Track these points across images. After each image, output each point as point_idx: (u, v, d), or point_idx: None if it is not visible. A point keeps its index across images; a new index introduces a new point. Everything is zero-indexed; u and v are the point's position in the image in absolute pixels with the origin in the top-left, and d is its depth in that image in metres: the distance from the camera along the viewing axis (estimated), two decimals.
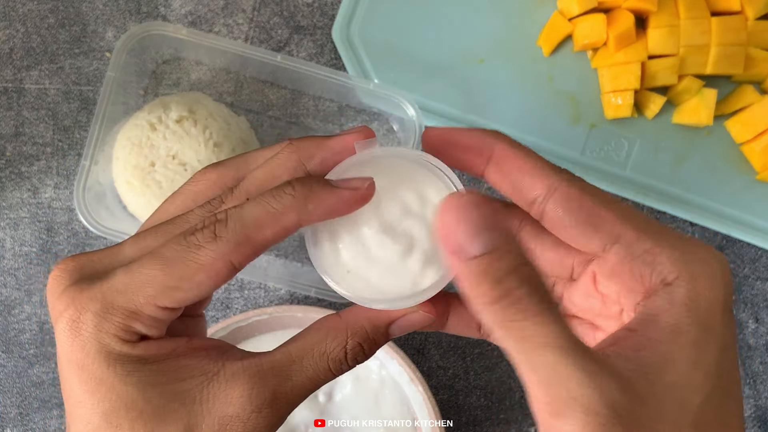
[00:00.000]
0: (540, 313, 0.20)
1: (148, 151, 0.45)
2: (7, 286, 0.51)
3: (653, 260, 0.23)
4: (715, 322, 0.22)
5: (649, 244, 0.23)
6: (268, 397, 0.23)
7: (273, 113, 0.52)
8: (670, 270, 0.23)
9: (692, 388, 0.21)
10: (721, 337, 0.22)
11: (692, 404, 0.21)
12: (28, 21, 0.52)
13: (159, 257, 0.24)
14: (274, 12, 0.52)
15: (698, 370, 0.22)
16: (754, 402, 0.53)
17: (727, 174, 0.52)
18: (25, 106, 0.51)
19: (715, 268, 0.23)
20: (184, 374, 0.24)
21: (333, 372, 0.24)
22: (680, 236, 0.24)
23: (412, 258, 0.26)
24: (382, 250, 0.26)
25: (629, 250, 0.23)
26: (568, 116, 0.52)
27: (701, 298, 0.22)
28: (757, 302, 0.53)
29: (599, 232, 0.24)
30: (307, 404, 0.49)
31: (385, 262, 0.26)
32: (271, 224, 0.24)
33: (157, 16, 0.52)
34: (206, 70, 0.51)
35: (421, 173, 0.26)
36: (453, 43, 0.52)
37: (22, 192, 0.51)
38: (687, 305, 0.22)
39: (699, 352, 0.22)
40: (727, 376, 0.22)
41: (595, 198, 0.24)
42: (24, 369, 0.51)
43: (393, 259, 0.26)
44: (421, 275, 0.26)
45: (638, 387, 0.20)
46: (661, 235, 0.23)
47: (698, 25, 0.49)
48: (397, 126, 0.52)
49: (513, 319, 0.20)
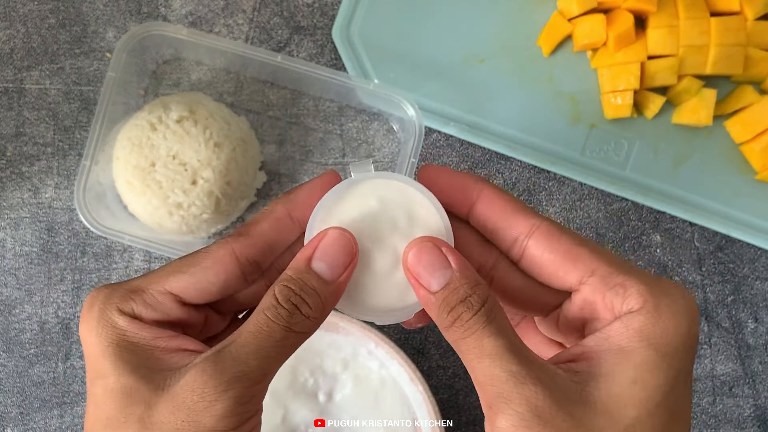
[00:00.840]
0: (481, 331, 0.24)
1: (149, 151, 0.45)
2: (7, 285, 0.51)
3: (624, 292, 0.25)
4: (670, 350, 0.24)
5: (621, 278, 0.26)
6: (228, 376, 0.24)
7: (273, 113, 0.52)
8: (636, 301, 0.25)
9: (629, 402, 0.24)
10: (677, 364, 0.24)
11: (626, 417, 0.23)
12: (29, 21, 0.52)
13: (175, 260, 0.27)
14: (275, 12, 0.53)
15: (639, 388, 0.24)
16: (754, 402, 0.53)
17: (726, 174, 0.52)
18: (26, 107, 0.51)
19: (680, 304, 0.25)
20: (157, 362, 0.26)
21: (273, 319, 0.25)
22: (651, 274, 0.26)
23: (400, 272, 0.27)
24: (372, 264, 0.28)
25: (604, 282, 0.26)
26: (567, 116, 0.52)
27: (659, 327, 0.24)
28: (757, 302, 0.54)
29: (577, 265, 0.26)
30: (307, 404, 0.49)
31: (374, 277, 0.28)
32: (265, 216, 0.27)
33: (157, 17, 0.52)
34: (206, 71, 0.51)
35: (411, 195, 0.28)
36: (453, 44, 0.52)
37: (23, 192, 0.51)
38: (641, 330, 0.24)
39: (644, 373, 0.24)
40: (677, 402, 0.24)
41: (571, 237, 0.27)
42: (24, 369, 0.51)
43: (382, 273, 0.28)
44: (408, 290, 0.27)
45: (570, 394, 0.24)
46: (632, 271, 0.26)
47: (698, 26, 0.49)
48: (397, 126, 0.52)
49: (462, 336, 0.25)
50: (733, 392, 0.53)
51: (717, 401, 0.53)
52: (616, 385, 0.24)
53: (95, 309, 0.26)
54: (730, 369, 0.53)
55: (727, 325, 0.54)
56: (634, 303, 0.25)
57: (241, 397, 0.24)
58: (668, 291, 0.25)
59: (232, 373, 0.24)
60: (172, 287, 0.26)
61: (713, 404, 0.53)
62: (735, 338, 0.54)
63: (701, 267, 0.54)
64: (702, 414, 0.53)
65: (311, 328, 0.26)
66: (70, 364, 0.51)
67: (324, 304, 0.26)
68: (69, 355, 0.51)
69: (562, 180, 0.53)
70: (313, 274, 0.26)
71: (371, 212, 0.28)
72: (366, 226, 0.27)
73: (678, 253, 0.53)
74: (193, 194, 0.46)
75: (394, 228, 0.28)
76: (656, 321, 0.24)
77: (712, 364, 0.53)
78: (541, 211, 0.53)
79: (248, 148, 0.49)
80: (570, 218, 0.53)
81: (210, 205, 0.46)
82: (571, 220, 0.53)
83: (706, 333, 0.53)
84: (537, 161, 0.51)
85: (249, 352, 0.25)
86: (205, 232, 0.49)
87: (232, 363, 0.24)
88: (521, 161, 0.53)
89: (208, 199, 0.46)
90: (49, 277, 0.51)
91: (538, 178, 0.53)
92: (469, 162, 0.53)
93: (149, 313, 0.26)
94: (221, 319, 0.29)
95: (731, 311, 0.54)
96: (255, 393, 0.25)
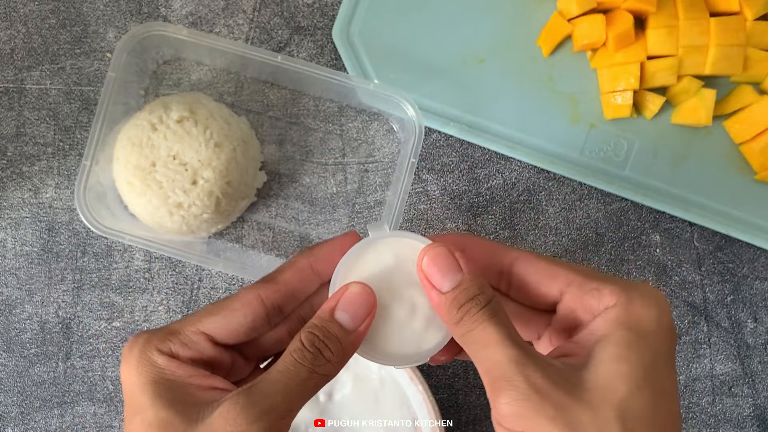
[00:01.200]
0: (486, 322, 0.28)
1: (149, 151, 0.45)
2: (8, 285, 0.51)
3: (599, 294, 0.29)
4: (646, 331, 0.28)
5: (595, 283, 0.29)
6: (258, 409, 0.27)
7: (273, 113, 0.52)
8: (611, 299, 0.28)
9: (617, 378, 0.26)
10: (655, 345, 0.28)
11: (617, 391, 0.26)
12: (30, 22, 0.52)
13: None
14: (275, 12, 0.53)
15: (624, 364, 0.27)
16: (753, 401, 0.53)
17: (725, 174, 0.52)
18: (27, 107, 0.51)
19: (650, 296, 0.28)
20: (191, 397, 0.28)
21: (299, 361, 0.28)
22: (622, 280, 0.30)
23: (416, 320, 0.31)
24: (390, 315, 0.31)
25: (581, 289, 0.29)
26: (567, 116, 0.52)
27: (633, 314, 0.28)
28: (756, 302, 0.54)
29: (556, 279, 0.30)
30: (307, 404, 0.49)
31: (392, 326, 0.31)
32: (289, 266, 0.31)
33: (157, 17, 0.52)
34: (207, 71, 0.51)
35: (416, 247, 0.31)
36: (453, 44, 0.52)
37: (24, 192, 0.51)
38: (617, 318, 0.28)
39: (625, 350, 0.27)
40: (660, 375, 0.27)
41: (548, 259, 0.31)
42: (25, 368, 0.51)
43: (399, 322, 0.31)
44: (424, 336, 0.31)
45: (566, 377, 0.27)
46: (605, 278, 0.30)
47: (697, 26, 0.49)
48: (397, 126, 0.52)
49: (469, 329, 0.28)
50: (732, 392, 0.53)
51: (716, 401, 0.53)
52: (603, 365, 0.27)
53: (135, 350, 0.29)
54: (729, 369, 0.54)
55: (726, 324, 0.54)
56: (609, 301, 0.29)
57: (269, 429, 0.27)
58: (638, 287, 0.29)
59: (262, 407, 0.27)
60: (205, 328, 0.30)
61: (713, 404, 0.53)
62: (734, 338, 0.54)
63: (701, 267, 0.54)
64: (701, 413, 0.53)
65: (332, 372, 0.29)
66: (70, 363, 0.51)
67: (344, 351, 0.29)
68: (69, 355, 0.51)
69: (561, 180, 0.53)
70: (336, 323, 0.29)
71: (388, 267, 0.31)
72: (384, 280, 0.31)
73: (677, 252, 0.53)
74: (194, 194, 0.46)
75: (409, 281, 0.31)
76: (630, 310, 0.28)
77: (711, 364, 0.54)
78: (541, 211, 0.53)
79: (248, 148, 0.49)
80: (569, 218, 0.53)
81: (210, 205, 0.46)
82: (570, 220, 0.53)
83: (705, 333, 0.54)
84: (537, 161, 0.51)
85: (277, 389, 0.28)
86: (205, 231, 0.49)
87: (262, 398, 0.27)
88: (521, 161, 0.53)
89: (209, 199, 0.46)
90: (50, 277, 0.51)
91: (538, 178, 0.53)
92: (469, 162, 0.53)
93: (185, 352, 0.29)
94: (246, 364, 0.32)
95: (731, 311, 0.54)
96: (281, 427, 0.28)
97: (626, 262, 0.53)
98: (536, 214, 0.53)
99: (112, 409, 0.51)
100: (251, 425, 0.26)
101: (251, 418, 0.27)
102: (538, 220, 0.53)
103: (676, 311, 0.53)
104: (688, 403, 0.53)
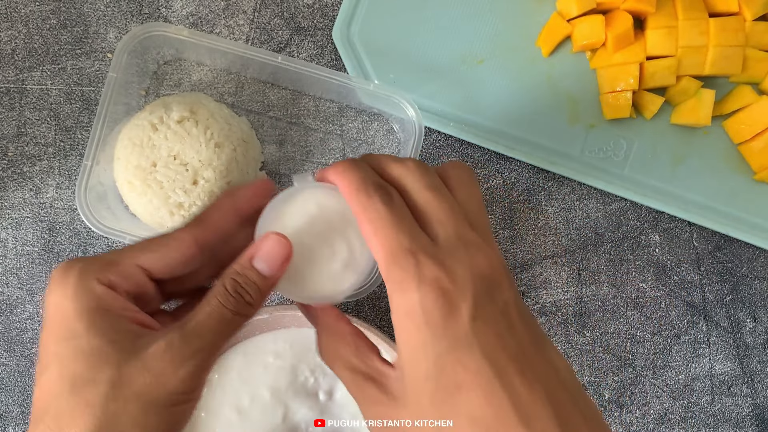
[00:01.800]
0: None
1: (150, 152, 0.45)
2: (9, 285, 0.51)
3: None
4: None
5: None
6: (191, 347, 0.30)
7: (274, 114, 0.52)
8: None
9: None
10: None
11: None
12: (30, 22, 0.52)
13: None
14: (275, 13, 0.53)
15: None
16: (752, 401, 0.54)
17: (725, 174, 0.52)
18: (27, 107, 0.51)
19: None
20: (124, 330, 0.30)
21: (224, 304, 0.31)
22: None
23: (335, 263, 0.34)
24: (312, 258, 0.34)
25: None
26: (567, 116, 0.52)
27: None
28: (755, 301, 0.54)
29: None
30: (308, 403, 0.49)
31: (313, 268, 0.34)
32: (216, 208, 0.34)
33: (158, 17, 0.52)
34: (207, 71, 0.52)
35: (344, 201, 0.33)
36: (453, 44, 0.52)
37: (24, 192, 0.51)
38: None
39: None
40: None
41: None
42: (26, 368, 0.51)
43: (320, 265, 0.34)
44: (341, 278, 0.34)
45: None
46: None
47: (696, 26, 0.49)
48: (397, 126, 0.52)
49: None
50: (731, 391, 0.54)
51: (716, 400, 0.54)
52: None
53: (72, 277, 0.30)
54: (728, 368, 0.54)
55: (725, 324, 0.54)
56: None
57: (200, 365, 0.30)
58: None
59: (195, 346, 0.30)
60: (142, 262, 0.31)
61: (712, 403, 0.54)
62: (733, 337, 0.54)
63: (700, 266, 0.54)
64: (701, 413, 0.54)
65: (251, 312, 0.33)
66: None
67: (262, 294, 0.32)
68: None
69: (561, 180, 0.53)
70: (255, 270, 0.32)
71: (311, 215, 0.34)
72: (307, 225, 0.34)
73: (677, 252, 0.54)
74: (194, 194, 0.46)
75: (330, 228, 0.34)
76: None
77: (710, 364, 0.54)
78: (541, 211, 0.53)
79: (249, 148, 0.49)
80: (569, 218, 0.53)
81: None
82: (570, 219, 0.53)
83: (704, 332, 0.54)
84: (536, 161, 0.51)
85: (207, 329, 0.31)
86: None
87: (194, 337, 0.30)
88: (520, 161, 0.53)
89: (209, 199, 0.46)
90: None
91: (538, 178, 0.53)
92: (469, 162, 0.53)
93: (123, 284, 0.31)
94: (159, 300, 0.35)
95: (730, 311, 0.54)
96: (209, 364, 0.31)
97: (625, 262, 0.53)
98: (536, 214, 0.53)
99: None
100: (185, 362, 0.29)
101: (186, 356, 0.30)
102: (538, 220, 0.53)
103: (675, 311, 0.54)
104: (687, 403, 0.53)
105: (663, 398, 0.53)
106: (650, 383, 0.53)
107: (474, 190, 0.33)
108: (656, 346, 0.53)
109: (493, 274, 0.29)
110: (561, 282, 0.53)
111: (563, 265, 0.53)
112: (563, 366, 0.29)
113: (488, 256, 0.29)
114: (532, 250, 0.53)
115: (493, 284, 0.29)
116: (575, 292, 0.53)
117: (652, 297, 0.53)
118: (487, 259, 0.29)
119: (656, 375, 0.53)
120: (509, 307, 0.29)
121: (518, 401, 0.27)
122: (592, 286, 0.53)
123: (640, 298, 0.53)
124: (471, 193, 0.32)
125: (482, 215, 0.32)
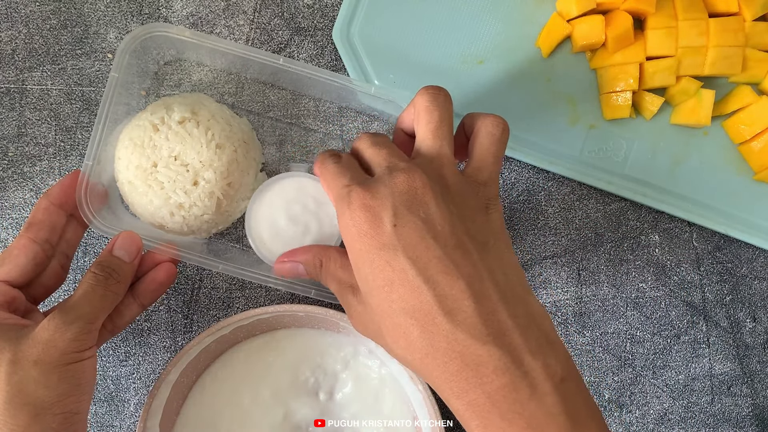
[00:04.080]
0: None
1: (151, 152, 0.46)
2: None
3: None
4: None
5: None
6: (72, 315, 0.38)
7: (274, 114, 0.52)
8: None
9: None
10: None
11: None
12: (31, 22, 0.52)
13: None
14: (275, 13, 0.53)
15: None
16: (752, 401, 0.54)
17: (724, 174, 0.52)
18: (28, 107, 0.52)
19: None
20: (7, 327, 0.37)
21: (95, 283, 0.40)
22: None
23: (306, 239, 0.45)
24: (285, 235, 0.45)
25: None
26: (566, 117, 0.52)
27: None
28: (755, 301, 0.54)
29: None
30: (308, 403, 0.49)
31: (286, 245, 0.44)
32: (37, 209, 0.42)
33: (158, 18, 0.52)
34: (207, 72, 0.52)
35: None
36: (453, 44, 0.52)
37: (25, 192, 0.51)
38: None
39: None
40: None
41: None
42: None
43: (293, 242, 0.45)
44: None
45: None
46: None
47: (696, 27, 0.50)
48: None
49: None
50: (731, 391, 0.54)
51: (715, 400, 0.54)
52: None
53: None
54: (728, 368, 0.54)
55: (725, 324, 0.54)
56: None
57: (83, 327, 0.37)
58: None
59: (75, 314, 0.38)
60: (2, 275, 0.40)
61: (711, 403, 0.54)
62: (733, 338, 0.54)
63: (700, 267, 0.54)
64: (700, 413, 0.54)
65: (121, 290, 0.41)
66: None
67: (126, 275, 0.41)
68: None
69: (561, 180, 0.53)
70: (116, 258, 0.41)
71: (288, 198, 0.45)
72: (285, 208, 0.45)
73: (676, 252, 0.54)
74: (195, 195, 0.46)
75: (305, 209, 0.45)
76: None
77: (710, 364, 0.54)
78: (541, 211, 0.53)
79: (249, 149, 0.49)
80: (569, 218, 0.53)
81: (211, 206, 0.47)
82: (569, 219, 0.53)
83: (704, 332, 0.54)
84: (536, 161, 0.51)
85: (84, 302, 0.39)
86: (206, 232, 0.49)
87: (73, 309, 0.38)
88: (520, 161, 0.53)
89: (210, 199, 0.46)
90: None
91: (537, 178, 0.53)
92: None
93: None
94: (26, 303, 0.41)
95: (729, 311, 0.54)
96: (92, 329, 0.38)
97: (625, 262, 0.53)
98: (536, 214, 0.53)
99: (113, 409, 0.51)
100: (69, 326, 0.37)
101: (68, 322, 0.37)
102: (538, 220, 0.53)
103: (675, 311, 0.54)
104: (687, 403, 0.54)
105: (663, 398, 0.53)
106: (650, 383, 0.53)
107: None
108: (656, 346, 0.53)
109: (411, 190, 0.34)
110: (561, 282, 0.53)
111: (563, 266, 0.53)
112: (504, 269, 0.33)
113: (410, 177, 0.34)
114: (531, 250, 0.53)
115: (413, 198, 0.33)
116: (575, 292, 0.53)
117: (651, 297, 0.53)
118: (408, 179, 0.34)
119: (656, 375, 0.53)
120: (432, 217, 0.33)
121: (441, 294, 0.32)
122: (591, 286, 0.53)
123: (640, 298, 0.53)
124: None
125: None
